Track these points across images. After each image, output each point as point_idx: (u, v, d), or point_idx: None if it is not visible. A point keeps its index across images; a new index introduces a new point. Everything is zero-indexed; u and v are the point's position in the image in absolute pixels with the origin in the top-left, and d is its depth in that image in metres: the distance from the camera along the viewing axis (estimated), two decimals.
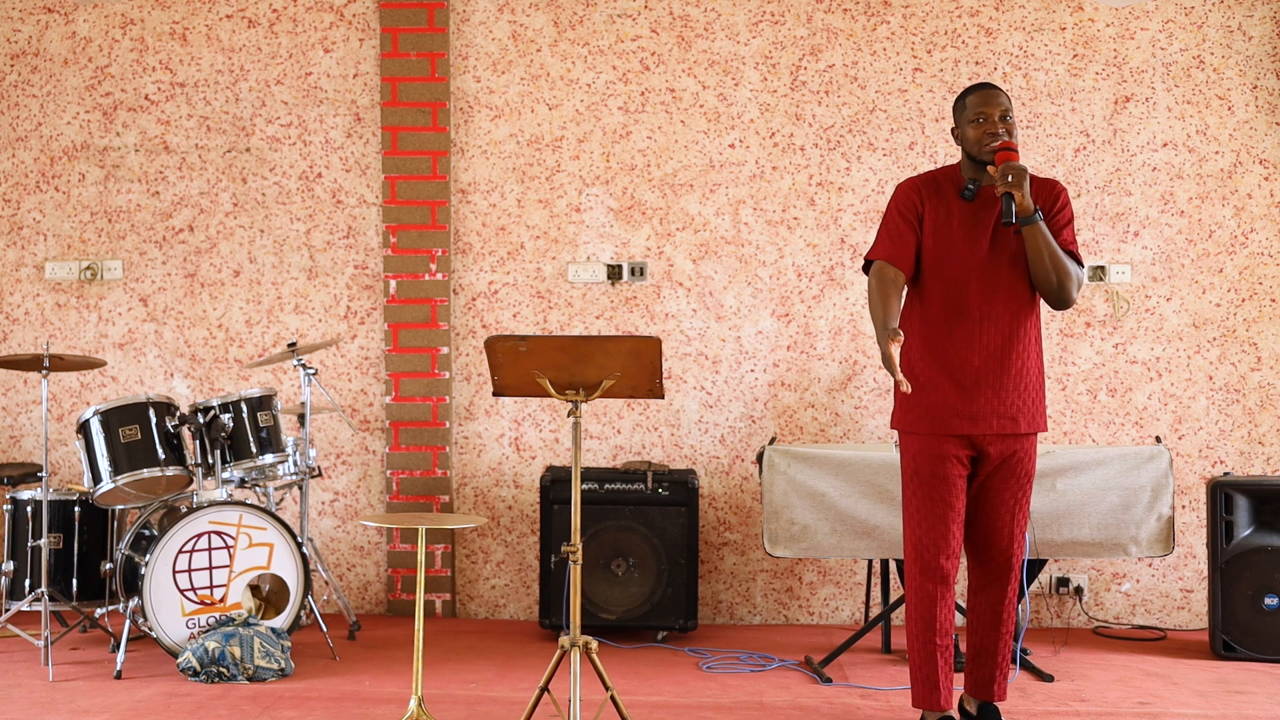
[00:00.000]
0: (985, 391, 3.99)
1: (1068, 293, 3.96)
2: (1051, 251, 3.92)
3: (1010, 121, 3.99)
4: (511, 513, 6.19)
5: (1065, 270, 3.94)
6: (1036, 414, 4.06)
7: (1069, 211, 4.06)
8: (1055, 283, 3.94)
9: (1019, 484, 4.07)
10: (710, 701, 4.56)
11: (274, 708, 4.40)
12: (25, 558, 5.24)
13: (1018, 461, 4.05)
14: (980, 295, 3.99)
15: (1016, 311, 4.01)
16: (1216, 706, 4.58)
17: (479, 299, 6.20)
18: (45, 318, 6.31)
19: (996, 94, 4.01)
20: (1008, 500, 4.05)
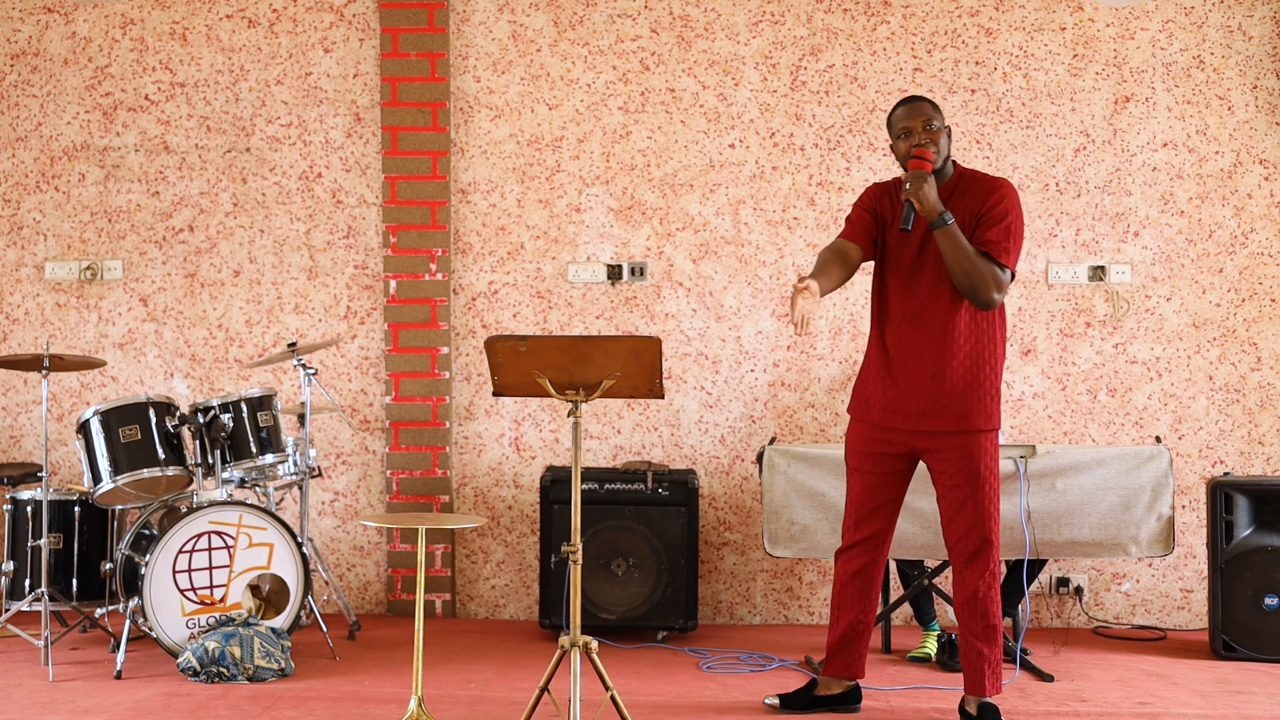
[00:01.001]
0: (917, 389, 4.15)
1: (980, 294, 4.06)
2: (961, 254, 4.02)
3: (934, 130, 4.12)
4: (511, 513, 6.19)
5: (977, 272, 4.03)
6: (972, 412, 4.12)
7: (1000, 210, 4.10)
8: (967, 284, 4.05)
9: (962, 481, 4.14)
10: (710, 701, 4.56)
11: (274, 708, 4.40)
12: (25, 558, 5.24)
13: (957, 458, 4.13)
14: (917, 296, 4.16)
15: (952, 312, 4.12)
16: (1216, 706, 4.58)
17: (479, 299, 6.20)
18: (45, 318, 6.31)
19: (920, 105, 4.15)
20: (950, 498, 4.18)
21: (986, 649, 4.23)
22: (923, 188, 4.00)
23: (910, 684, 4.83)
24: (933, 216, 4.02)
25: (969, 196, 4.16)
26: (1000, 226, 4.09)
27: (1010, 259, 4.10)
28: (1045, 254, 6.08)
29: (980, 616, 4.21)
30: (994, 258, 4.07)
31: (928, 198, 4.01)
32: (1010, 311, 6.07)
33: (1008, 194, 4.15)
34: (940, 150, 4.14)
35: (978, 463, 4.15)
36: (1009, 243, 4.10)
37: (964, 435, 4.14)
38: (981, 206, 4.13)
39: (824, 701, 4.41)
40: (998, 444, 4.22)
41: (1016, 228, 4.13)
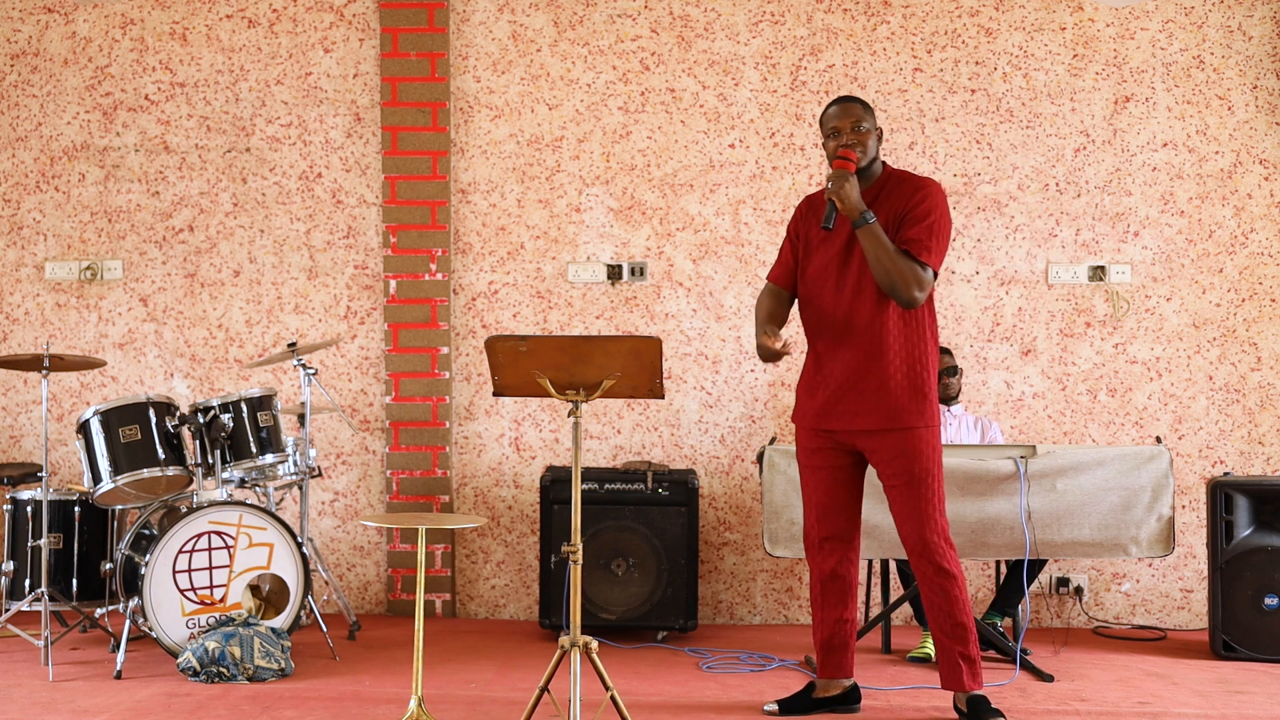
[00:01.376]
0: (849, 390, 4.19)
1: (900, 292, 4.06)
2: (882, 252, 4.05)
3: (862, 131, 4.16)
4: (511, 513, 6.19)
5: (897, 270, 4.04)
6: (904, 409, 4.13)
7: (923, 209, 4.12)
8: (888, 282, 4.07)
9: (901, 481, 4.16)
10: (710, 701, 4.56)
11: (274, 708, 4.40)
12: (25, 558, 5.24)
13: (893, 458, 4.15)
14: (844, 298, 4.19)
15: (879, 311, 4.14)
16: (1216, 706, 4.58)
17: (479, 299, 6.20)
18: (45, 318, 6.31)
19: (850, 106, 4.19)
20: (893, 498, 4.21)
21: (959, 647, 4.23)
22: (844, 187, 4.04)
23: (910, 684, 4.83)
24: (854, 215, 4.05)
25: (895, 196, 4.18)
26: (923, 225, 4.10)
27: (932, 257, 4.10)
28: (1045, 254, 6.09)
29: (946, 616, 4.21)
30: (914, 255, 4.07)
31: (849, 196, 4.04)
32: (1010, 311, 6.07)
33: (931, 193, 4.16)
34: (867, 151, 4.17)
35: (914, 461, 4.14)
36: (931, 241, 4.10)
37: (899, 433, 4.14)
38: (905, 205, 4.14)
39: (824, 704, 4.41)
40: (937, 442, 4.20)
41: (939, 227, 4.13)
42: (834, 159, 4.15)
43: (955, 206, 6.09)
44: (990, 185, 6.10)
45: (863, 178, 4.21)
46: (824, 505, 4.32)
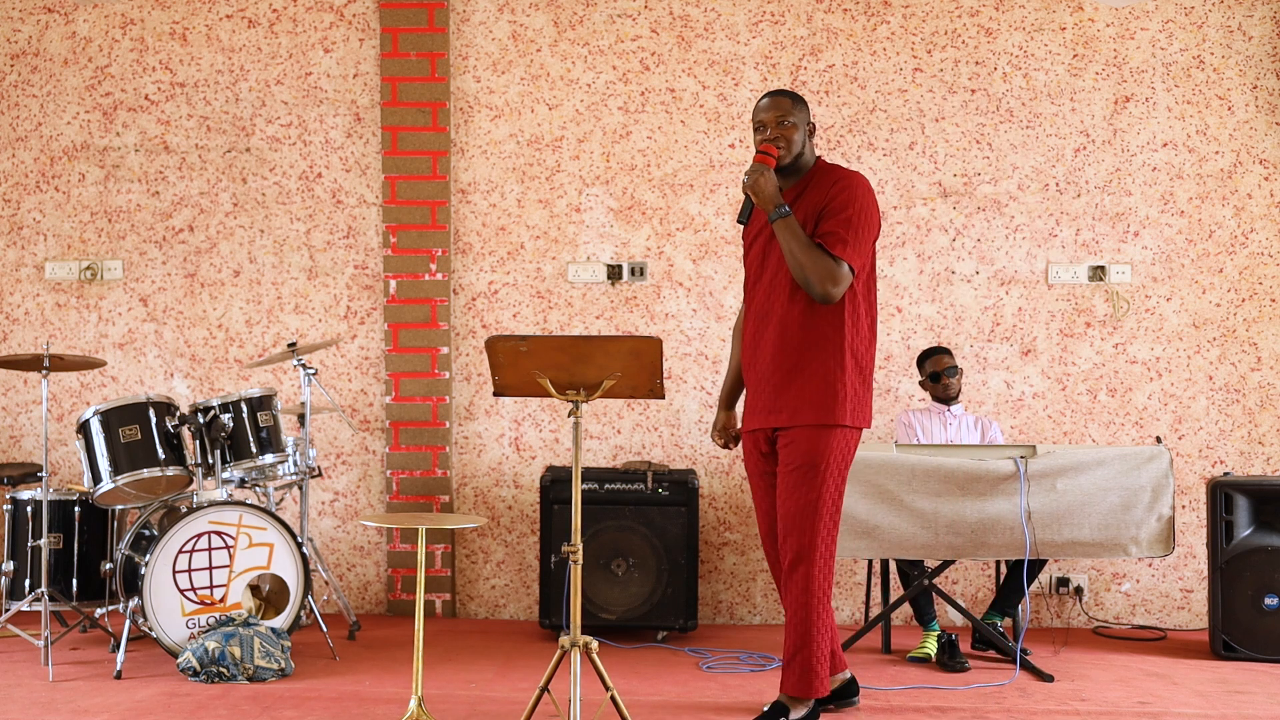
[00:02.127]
0: (763, 385, 4.17)
1: (813, 286, 4.01)
2: (797, 245, 4.01)
3: (789, 125, 4.12)
4: (511, 513, 6.19)
5: (810, 264, 3.99)
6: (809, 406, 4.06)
7: (840, 202, 4.06)
8: (801, 276, 4.02)
9: (791, 470, 4.08)
10: (710, 701, 4.56)
11: (274, 708, 4.40)
12: (25, 558, 5.24)
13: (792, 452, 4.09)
14: (762, 293, 4.18)
15: (791, 306, 4.10)
16: (1216, 706, 4.58)
17: (479, 299, 6.20)
18: (45, 318, 6.31)
19: (778, 101, 4.15)
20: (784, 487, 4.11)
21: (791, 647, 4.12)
22: (758, 180, 4.01)
23: (910, 684, 4.83)
24: (769, 208, 4.03)
25: (818, 190, 4.13)
26: (839, 218, 4.03)
27: (847, 251, 4.00)
28: (1045, 254, 6.09)
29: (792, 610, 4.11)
30: (828, 249, 4.00)
31: (763, 190, 4.01)
32: (1010, 311, 6.07)
33: (850, 186, 4.09)
34: (792, 145, 4.12)
35: (812, 457, 4.05)
36: (847, 234, 4.01)
37: (805, 430, 4.07)
38: (825, 199, 4.08)
39: (822, 701, 4.39)
40: (849, 444, 4.12)
41: (858, 220, 4.04)
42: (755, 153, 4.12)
43: (955, 206, 6.09)
44: (990, 185, 6.11)
45: (790, 172, 4.17)
46: (769, 514, 4.26)
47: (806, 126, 4.16)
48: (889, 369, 6.10)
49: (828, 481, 4.06)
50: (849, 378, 4.08)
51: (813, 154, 4.21)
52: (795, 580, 4.09)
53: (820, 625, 4.11)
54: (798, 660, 4.13)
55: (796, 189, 4.16)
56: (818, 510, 4.06)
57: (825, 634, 4.14)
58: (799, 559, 4.07)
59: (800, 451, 4.06)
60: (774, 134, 4.11)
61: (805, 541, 4.06)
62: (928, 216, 6.11)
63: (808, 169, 4.19)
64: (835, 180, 4.11)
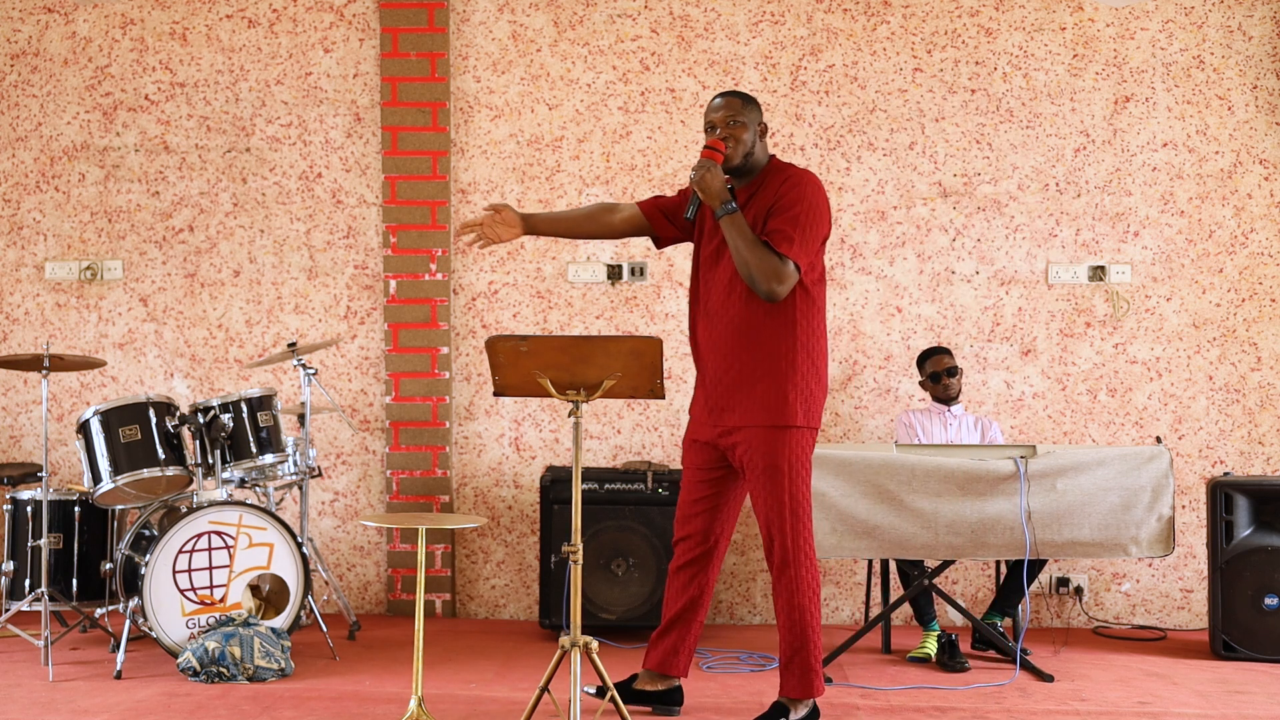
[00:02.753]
0: (716, 384, 4.17)
1: (758, 284, 4.00)
2: (743, 243, 4.00)
3: (738, 124, 4.13)
4: (511, 513, 6.19)
5: (756, 262, 3.98)
6: (764, 406, 4.05)
7: (788, 200, 4.06)
8: (747, 274, 4.01)
9: (756, 477, 4.08)
10: (710, 702, 4.56)
11: (274, 708, 4.40)
12: (25, 558, 5.24)
13: (748, 454, 4.08)
14: (714, 291, 4.16)
15: (745, 305, 4.09)
16: (1216, 706, 4.58)
17: (479, 299, 6.20)
18: (45, 318, 6.31)
19: (728, 100, 4.17)
20: (754, 494, 4.12)
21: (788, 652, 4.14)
22: (705, 175, 4.02)
23: (910, 684, 4.83)
24: (715, 204, 4.03)
25: (767, 189, 4.13)
26: (786, 216, 4.02)
27: (793, 249, 3.99)
28: (1045, 254, 6.09)
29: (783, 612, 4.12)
30: (774, 247, 3.99)
31: (710, 185, 4.01)
32: (1010, 311, 6.07)
33: (799, 184, 4.09)
34: (741, 144, 4.12)
35: (772, 459, 4.05)
36: (794, 233, 4.00)
37: (758, 430, 4.07)
38: (775, 197, 4.08)
39: (643, 696, 4.33)
40: (805, 443, 4.11)
41: (805, 219, 4.03)
42: (702, 150, 4.12)
43: (955, 206, 6.10)
44: (990, 185, 6.11)
45: (743, 173, 4.17)
46: (685, 508, 4.27)
47: (758, 127, 4.17)
48: (889, 369, 6.10)
49: (794, 481, 4.07)
50: (802, 378, 4.08)
51: (765, 155, 4.21)
52: (785, 583, 4.10)
53: (815, 624, 4.12)
54: (796, 661, 4.14)
55: (749, 189, 4.16)
56: (793, 510, 4.07)
57: (819, 632, 4.15)
58: (785, 562, 4.08)
59: (760, 454, 4.07)
60: (724, 133, 4.12)
61: (788, 544, 4.08)
62: (928, 216, 6.11)
63: (760, 169, 4.19)
64: (786, 178, 4.12)
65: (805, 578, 4.09)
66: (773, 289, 3.98)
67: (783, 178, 4.12)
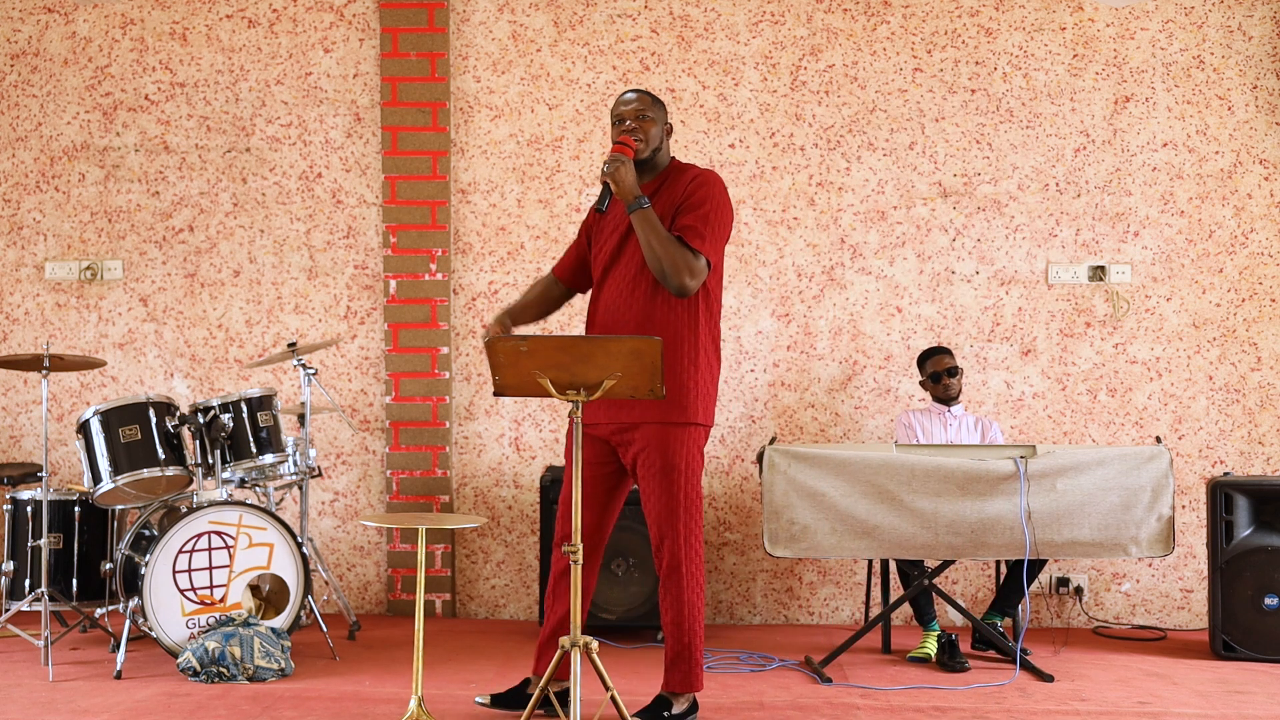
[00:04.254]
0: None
1: (671, 279, 4.03)
2: (655, 237, 4.02)
3: (647, 119, 4.16)
4: (511, 513, 6.19)
5: (668, 256, 4.01)
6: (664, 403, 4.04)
7: (696, 199, 4.10)
8: (659, 269, 4.03)
9: (651, 474, 4.08)
10: (710, 702, 4.56)
11: (274, 708, 4.40)
12: (25, 558, 5.24)
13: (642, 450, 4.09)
14: (618, 286, 4.16)
15: (649, 301, 4.11)
16: (1216, 706, 4.58)
17: (479, 299, 6.20)
18: (45, 318, 6.31)
19: (636, 96, 4.20)
20: (647, 493, 4.11)
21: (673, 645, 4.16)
22: (619, 170, 4.02)
23: (910, 684, 4.83)
24: (628, 199, 4.04)
25: (674, 186, 4.16)
26: (697, 213, 4.08)
27: (705, 245, 4.05)
28: (1045, 254, 6.09)
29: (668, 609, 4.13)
30: (687, 242, 4.05)
31: (624, 180, 4.02)
32: (1010, 311, 6.07)
33: (707, 182, 4.15)
34: (649, 140, 4.15)
35: (670, 458, 4.07)
36: (705, 229, 4.07)
37: (658, 428, 4.07)
38: (682, 194, 4.13)
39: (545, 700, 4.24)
40: (701, 441, 4.14)
41: (715, 216, 4.10)
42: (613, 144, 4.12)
43: (955, 206, 6.10)
44: (990, 185, 6.11)
45: (647, 169, 4.19)
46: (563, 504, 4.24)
47: (664, 126, 4.21)
48: (889, 369, 6.10)
49: (690, 480, 4.10)
50: (702, 376, 4.12)
51: (669, 154, 4.27)
52: (675, 581, 4.12)
53: (700, 622, 4.16)
54: (683, 658, 4.17)
55: (652, 186, 4.19)
56: (686, 509, 4.10)
57: (702, 630, 4.19)
58: (676, 562, 4.10)
59: (657, 453, 4.08)
60: (632, 126, 4.14)
61: (679, 543, 4.10)
62: (928, 216, 6.11)
63: (663, 167, 4.24)
64: (693, 177, 4.16)
65: (695, 575, 4.12)
66: (684, 283, 4.03)
67: (689, 176, 4.17)
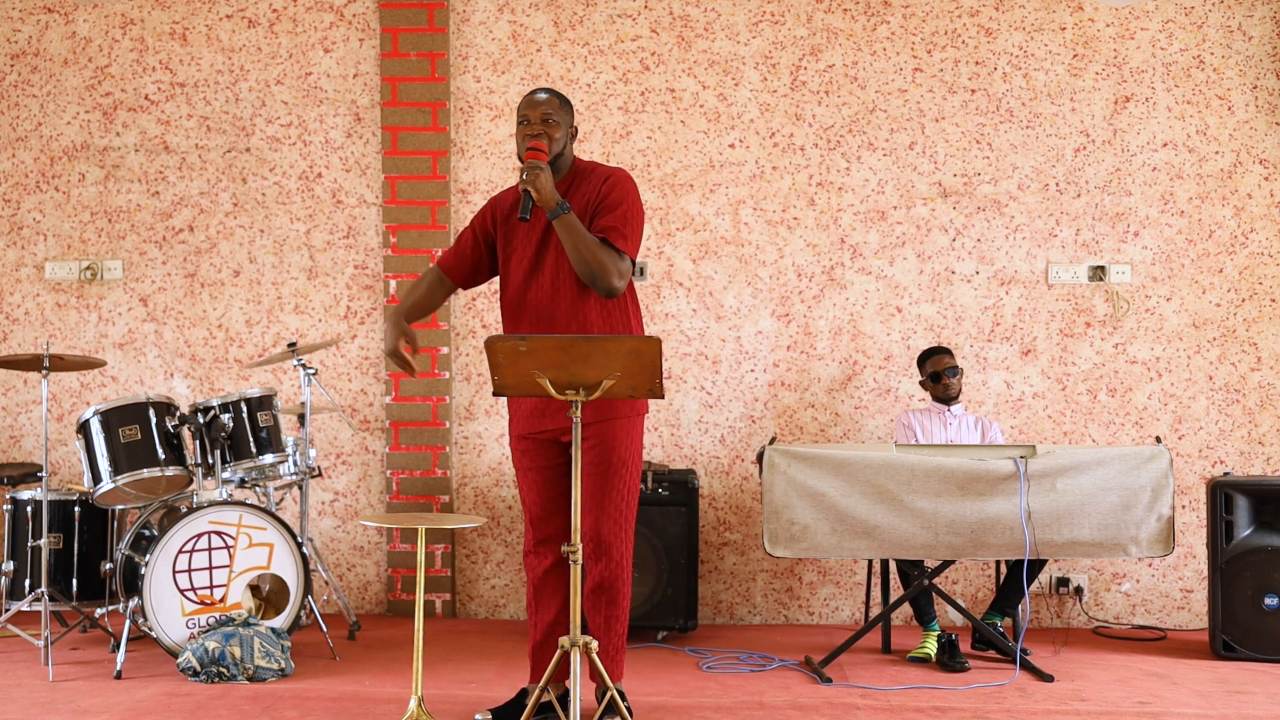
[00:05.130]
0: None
1: (600, 281, 4.05)
2: (580, 242, 4.03)
3: (553, 123, 4.14)
4: (511, 513, 6.19)
5: (596, 259, 4.02)
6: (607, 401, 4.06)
7: (613, 199, 4.11)
8: (587, 272, 4.04)
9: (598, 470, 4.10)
10: (710, 702, 4.56)
11: (274, 708, 4.40)
12: (25, 558, 5.24)
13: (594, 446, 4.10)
14: (544, 290, 4.15)
15: (581, 302, 4.12)
16: (1216, 706, 4.58)
17: (479, 299, 6.20)
18: (45, 318, 6.31)
19: (545, 99, 4.16)
20: (587, 485, 4.11)
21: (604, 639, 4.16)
22: (539, 178, 4.00)
23: (910, 684, 4.83)
24: (550, 205, 4.03)
25: (585, 186, 4.17)
26: (616, 214, 4.10)
27: (628, 245, 4.08)
28: (1045, 254, 6.09)
29: (606, 605, 4.15)
30: (612, 244, 4.07)
31: (544, 187, 4.00)
32: (1010, 311, 6.07)
33: (620, 182, 4.16)
34: (555, 142, 4.13)
35: (612, 450, 4.11)
36: (626, 229, 4.09)
37: (603, 424, 4.12)
38: (596, 196, 4.14)
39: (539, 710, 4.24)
40: (640, 430, 4.20)
41: (633, 214, 4.13)
42: (524, 151, 4.10)
43: (955, 206, 6.10)
44: (990, 185, 6.11)
45: (555, 171, 4.18)
46: (539, 508, 4.23)
47: (570, 129, 4.20)
48: (889, 369, 6.10)
49: (631, 466, 4.15)
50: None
51: (571, 155, 4.26)
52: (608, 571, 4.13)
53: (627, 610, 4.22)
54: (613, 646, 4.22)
55: (562, 186, 4.19)
56: (632, 502, 4.16)
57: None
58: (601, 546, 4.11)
59: (608, 448, 4.11)
60: (538, 130, 4.13)
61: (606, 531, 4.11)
62: (928, 216, 6.11)
63: (568, 168, 4.24)
64: (605, 177, 4.17)
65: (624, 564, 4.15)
66: (613, 284, 4.06)
67: (602, 176, 4.18)
